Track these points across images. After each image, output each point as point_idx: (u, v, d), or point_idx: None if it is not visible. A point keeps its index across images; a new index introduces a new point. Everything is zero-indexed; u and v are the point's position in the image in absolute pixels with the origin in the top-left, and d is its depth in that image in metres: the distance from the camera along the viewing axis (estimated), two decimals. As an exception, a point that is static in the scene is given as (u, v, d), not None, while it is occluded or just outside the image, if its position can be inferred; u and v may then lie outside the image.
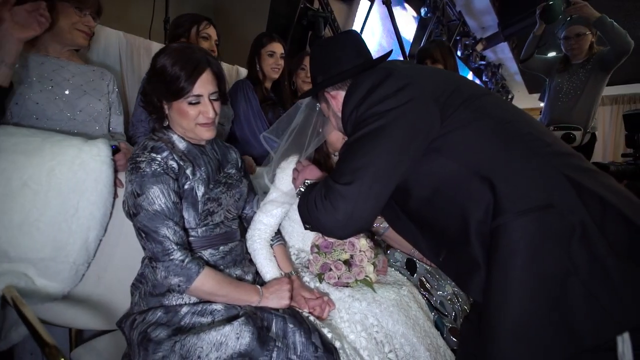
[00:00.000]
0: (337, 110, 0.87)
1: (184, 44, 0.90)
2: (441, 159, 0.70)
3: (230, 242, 0.99)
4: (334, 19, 3.67)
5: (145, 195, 0.80)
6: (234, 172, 1.04)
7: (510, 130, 0.69)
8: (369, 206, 0.69)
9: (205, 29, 1.45)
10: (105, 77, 1.27)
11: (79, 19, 1.13)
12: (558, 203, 0.60)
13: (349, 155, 0.70)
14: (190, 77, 0.84)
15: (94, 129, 1.20)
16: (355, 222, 0.69)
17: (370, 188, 0.67)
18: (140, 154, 0.83)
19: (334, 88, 0.87)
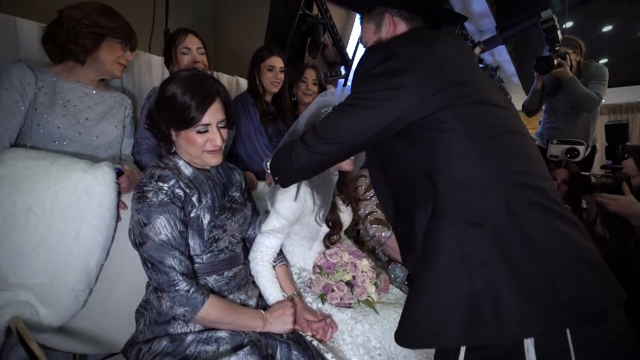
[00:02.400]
0: (386, 38, 0.85)
1: (192, 72, 0.90)
2: (410, 150, 0.74)
3: (235, 267, 0.99)
4: (333, 25, 3.67)
5: (152, 225, 0.80)
6: (238, 195, 1.05)
7: (490, 145, 0.70)
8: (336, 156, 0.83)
9: (182, 43, 1.39)
10: (123, 103, 1.29)
11: (122, 53, 1.16)
12: (486, 226, 0.64)
13: (333, 115, 0.79)
14: (200, 107, 0.84)
15: (107, 152, 1.22)
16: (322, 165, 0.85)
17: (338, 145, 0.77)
18: (147, 182, 0.83)
19: (399, 14, 0.84)
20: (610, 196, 1.25)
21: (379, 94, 0.72)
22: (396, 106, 0.71)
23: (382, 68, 0.73)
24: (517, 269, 0.60)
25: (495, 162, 0.68)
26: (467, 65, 0.80)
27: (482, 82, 0.78)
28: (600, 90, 1.95)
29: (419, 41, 0.78)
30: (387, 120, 0.72)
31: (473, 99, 0.72)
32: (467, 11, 5.25)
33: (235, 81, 2.16)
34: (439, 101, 0.70)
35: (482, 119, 0.71)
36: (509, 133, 0.73)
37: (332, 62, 3.96)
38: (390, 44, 0.78)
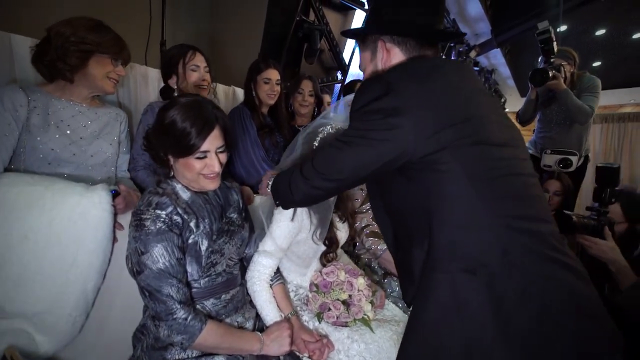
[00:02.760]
0: (383, 66, 0.84)
1: (192, 98, 0.89)
2: (408, 186, 0.74)
3: (232, 289, 1.00)
4: (329, 31, 3.68)
5: (150, 254, 0.81)
6: (236, 216, 1.05)
7: (490, 188, 0.69)
8: (333, 192, 0.85)
9: (192, 61, 1.40)
10: (119, 118, 1.28)
11: (112, 68, 1.14)
12: (481, 274, 0.64)
13: (328, 151, 0.78)
14: (200, 134, 0.85)
15: (103, 171, 1.21)
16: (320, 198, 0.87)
17: (332, 182, 0.77)
18: (145, 210, 0.83)
19: (391, 40, 0.82)
20: (591, 239, 1.25)
21: (374, 133, 0.71)
22: (393, 146, 0.70)
23: (378, 105, 0.71)
24: (510, 320, 0.61)
25: (494, 206, 0.67)
26: (470, 96, 0.77)
27: (485, 115, 0.75)
28: (593, 103, 1.98)
29: (417, 74, 0.75)
30: (383, 159, 0.71)
31: (474, 140, 0.70)
32: (462, 15, 5.28)
33: (232, 91, 2.16)
34: (438, 142, 0.68)
35: (482, 160, 0.70)
36: (509, 175, 0.71)
37: (329, 67, 3.96)
38: (386, 77, 0.75)
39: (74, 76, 1.09)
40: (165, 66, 1.44)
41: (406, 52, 0.82)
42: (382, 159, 0.71)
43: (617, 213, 1.37)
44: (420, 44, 0.82)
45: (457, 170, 0.68)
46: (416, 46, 0.82)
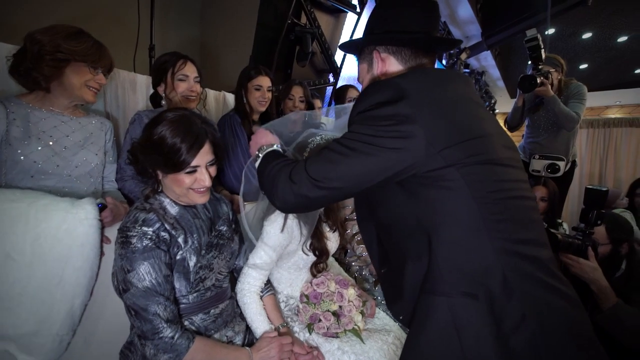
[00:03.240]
0: (378, 74, 0.82)
1: (180, 113, 0.88)
2: (408, 201, 0.70)
3: (222, 303, 1.00)
4: (321, 33, 3.67)
5: (136, 272, 0.80)
6: (225, 229, 1.05)
7: (494, 210, 0.66)
8: (320, 202, 0.74)
9: (181, 70, 1.36)
10: (104, 127, 1.26)
11: (91, 76, 1.11)
12: (481, 298, 0.63)
13: (328, 155, 0.70)
14: (190, 151, 0.84)
15: (89, 182, 1.18)
16: (302, 208, 0.77)
17: (327, 192, 0.70)
18: (131, 227, 0.83)
19: (386, 50, 0.81)
20: (574, 258, 1.27)
21: (384, 140, 0.65)
22: (403, 156, 0.65)
23: (390, 111, 0.66)
24: (507, 344, 0.61)
25: (497, 229, 0.65)
26: (478, 112, 0.74)
27: (493, 134, 0.72)
28: (580, 110, 2.02)
29: (429, 83, 0.72)
30: (391, 170, 0.66)
31: (483, 159, 0.67)
32: (453, 18, 5.34)
33: (222, 97, 2.14)
34: (448, 157, 0.65)
35: (489, 181, 0.67)
36: (513, 197, 0.69)
37: (321, 69, 3.96)
38: (398, 82, 0.70)
39: (50, 85, 1.06)
40: (155, 73, 1.41)
41: (402, 62, 0.81)
42: (391, 170, 0.66)
43: (602, 235, 1.38)
44: (415, 53, 0.81)
45: (463, 189, 0.65)
46: (412, 55, 0.81)
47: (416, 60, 0.81)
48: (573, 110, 2.00)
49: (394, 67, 0.81)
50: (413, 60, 0.81)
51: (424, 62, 0.82)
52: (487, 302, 0.62)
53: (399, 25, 0.79)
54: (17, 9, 1.59)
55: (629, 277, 1.35)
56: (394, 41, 0.80)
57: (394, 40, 0.80)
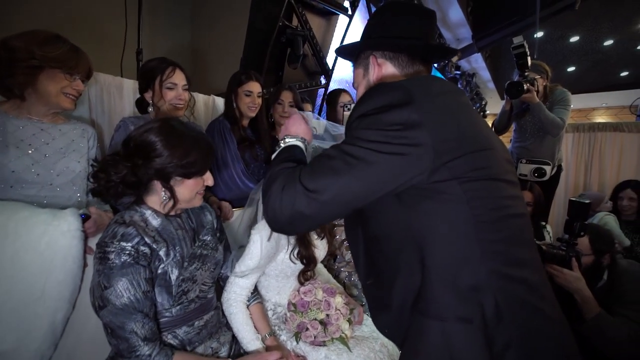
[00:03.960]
0: (374, 81, 0.80)
1: (182, 127, 0.92)
2: (403, 213, 0.66)
3: (206, 314, 0.99)
4: (312, 36, 3.67)
5: (113, 288, 0.78)
6: (209, 238, 1.04)
7: (493, 230, 0.64)
8: (317, 219, 0.65)
9: (169, 78, 1.33)
10: (86, 134, 1.23)
11: (68, 83, 1.08)
12: (475, 323, 0.61)
13: (328, 163, 0.63)
14: (206, 161, 0.92)
15: (72, 191, 1.15)
16: (297, 227, 0.66)
17: (325, 206, 0.62)
18: (109, 243, 0.81)
19: (383, 55, 0.79)
20: (558, 268, 1.30)
21: (392, 147, 0.60)
22: (409, 165, 0.61)
23: (397, 114, 0.62)
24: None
25: (492, 250, 0.63)
26: (481, 122, 0.71)
27: (497, 146, 0.70)
28: (565, 115, 2.06)
29: (435, 88, 0.68)
30: (397, 180, 0.61)
31: (487, 174, 0.64)
32: (444, 20, 5.39)
33: (212, 100, 2.13)
34: (453, 169, 0.61)
35: (490, 198, 0.64)
36: (511, 216, 0.66)
37: (313, 71, 3.96)
38: (406, 85, 0.66)
39: (24, 93, 1.04)
40: (142, 79, 1.39)
41: (399, 68, 0.79)
42: (398, 179, 0.61)
43: (585, 245, 1.41)
44: (412, 60, 0.79)
45: (462, 204, 0.62)
46: (409, 62, 0.79)
47: (413, 67, 0.80)
48: (558, 116, 2.04)
49: (391, 73, 0.80)
50: (410, 67, 0.80)
51: (421, 70, 0.81)
52: (481, 327, 0.60)
53: (397, 32, 0.78)
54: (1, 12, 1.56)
55: (611, 287, 1.38)
56: (392, 46, 0.79)
57: (392, 46, 0.79)
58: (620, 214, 2.19)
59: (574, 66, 7.29)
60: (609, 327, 1.25)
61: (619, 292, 1.35)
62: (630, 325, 1.24)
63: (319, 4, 3.67)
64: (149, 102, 1.39)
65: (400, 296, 0.68)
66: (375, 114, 0.64)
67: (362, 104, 0.67)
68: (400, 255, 0.68)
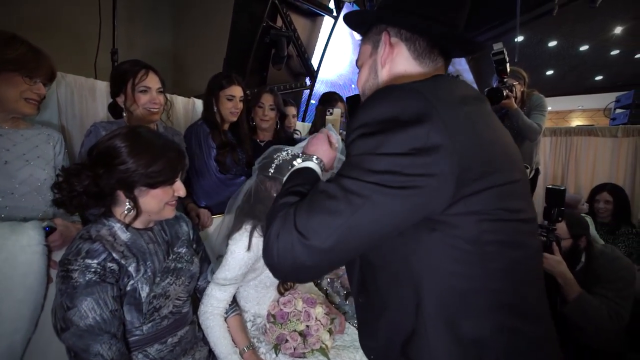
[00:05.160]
0: (382, 63, 0.66)
1: (150, 135, 0.87)
2: (401, 249, 0.56)
3: (181, 330, 0.95)
4: (297, 37, 3.65)
5: (77, 309, 0.74)
6: (184, 250, 1.00)
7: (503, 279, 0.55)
8: (323, 270, 0.55)
9: (142, 82, 1.26)
10: (51, 140, 1.16)
11: (28, 87, 1.02)
12: None
13: (327, 204, 0.50)
14: (174, 174, 0.87)
15: (37, 200, 1.09)
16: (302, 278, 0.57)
17: (328, 255, 0.50)
18: (72, 260, 0.76)
19: (398, 34, 0.64)
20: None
21: (401, 179, 0.48)
22: (423, 201, 0.49)
23: (412, 136, 0.49)
24: None
25: (503, 302, 0.55)
26: (507, 141, 0.60)
27: (522, 177, 0.60)
28: (541, 121, 2.11)
29: (458, 96, 0.55)
30: (405, 222, 0.51)
31: (509, 216, 0.54)
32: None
33: (192, 103, 2.07)
34: (473, 204, 0.51)
35: (508, 243, 0.54)
36: (527, 257, 0.57)
37: (297, 72, 3.93)
38: (422, 90, 0.52)
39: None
40: (114, 83, 1.33)
41: (414, 53, 0.65)
42: (410, 218, 0.51)
43: (563, 230, 1.47)
44: (431, 48, 0.64)
45: (476, 245, 0.52)
46: (426, 49, 0.64)
47: (430, 56, 0.65)
48: (535, 122, 2.09)
49: (403, 58, 0.65)
50: (426, 56, 0.65)
51: (438, 63, 0.66)
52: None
53: (420, 8, 0.63)
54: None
55: (588, 269, 1.45)
56: (411, 26, 0.64)
57: (411, 25, 0.64)
58: (596, 216, 2.25)
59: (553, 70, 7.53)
60: (589, 307, 1.32)
61: (596, 274, 1.41)
62: (609, 304, 1.34)
63: (303, 4, 3.65)
64: (121, 107, 1.33)
65: (389, 332, 0.61)
66: (382, 131, 0.51)
67: (366, 111, 0.54)
68: (395, 289, 0.59)
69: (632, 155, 2.67)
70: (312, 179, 0.63)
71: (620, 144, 2.72)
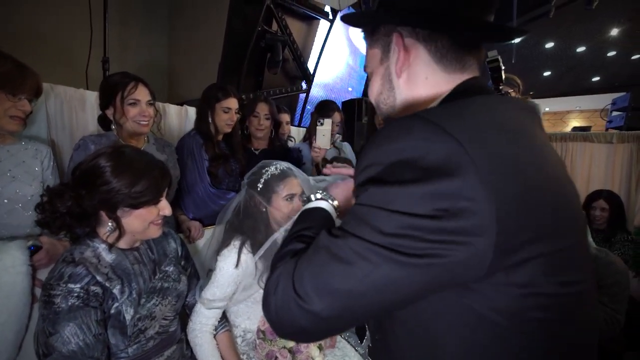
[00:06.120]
0: (397, 72, 0.54)
1: (134, 154, 0.86)
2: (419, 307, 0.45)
3: (167, 349, 0.94)
4: (293, 41, 3.63)
5: (59, 335, 0.73)
6: (172, 269, 0.99)
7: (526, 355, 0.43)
8: (325, 335, 0.47)
9: (131, 94, 1.24)
10: (39, 155, 1.15)
11: (12, 104, 1.01)
12: None
13: (331, 266, 0.41)
14: (158, 193, 0.86)
15: (24, 216, 1.08)
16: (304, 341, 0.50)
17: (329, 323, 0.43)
18: (55, 285, 0.75)
19: (413, 34, 0.51)
20: None
21: (423, 245, 0.38)
22: (447, 271, 0.39)
23: (438, 193, 0.38)
24: None
25: None
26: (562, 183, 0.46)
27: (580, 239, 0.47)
28: None
29: (497, 125, 0.43)
30: (421, 293, 0.42)
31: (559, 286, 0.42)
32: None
33: (184, 111, 2.06)
34: (515, 275, 0.40)
35: (553, 322, 0.43)
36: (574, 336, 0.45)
37: (293, 76, 3.92)
38: (449, 128, 0.39)
39: None
40: (103, 96, 1.31)
41: (435, 56, 0.51)
42: (428, 288, 0.41)
43: None
44: (456, 46, 0.51)
45: (509, 318, 0.41)
46: (451, 48, 0.51)
47: (456, 56, 0.51)
48: None
49: (422, 63, 0.52)
50: (452, 57, 0.51)
51: (468, 63, 0.52)
52: None
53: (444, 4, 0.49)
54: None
55: None
56: (427, 22, 0.50)
57: (428, 21, 0.50)
58: (592, 223, 2.25)
59: (550, 71, 7.54)
60: None
61: None
62: (605, 309, 1.34)
63: (299, 8, 3.64)
64: (111, 120, 1.32)
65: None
66: (396, 180, 0.40)
67: (376, 146, 0.43)
68: (412, 346, 0.49)
69: (628, 161, 2.67)
70: (321, 224, 0.56)
71: (616, 150, 2.72)
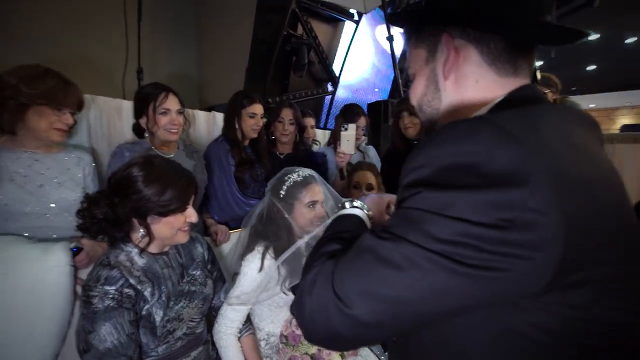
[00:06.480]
0: (445, 74, 0.51)
1: (163, 164, 0.92)
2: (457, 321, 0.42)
3: (194, 350, 0.98)
4: (318, 44, 3.65)
5: (97, 333, 0.78)
6: (199, 273, 1.03)
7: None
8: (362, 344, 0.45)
9: (163, 104, 1.33)
10: (81, 162, 1.24)
11: (57, 118, 1.10)
12: None
13: (376, 269, 0.39)
14: (184, 199, 0.91)
15: (68, 219, 1.16)
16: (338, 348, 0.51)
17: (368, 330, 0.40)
18: (92, 287, 0.81)
19: (464, 35, 0.49)
20: None
21: (482, 256, 0.35)
22: (504, 285, 0.37)
23: (502, 204, 0.35)
24: None
25: None
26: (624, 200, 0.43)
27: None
28: None
29: (563, 132, 0.41)
30: (472, 304, 0.39)
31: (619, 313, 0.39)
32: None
33: (212, 117, 2.13)
34: (572, 297, 0.37)
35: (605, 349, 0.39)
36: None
37: (319, 79, 3.94)
38: (517, 133, 0.37)
39: (14, 128, 1.06)
40: (137, 106, 1.40)
41: (487, 57, 0.49)
42: (480, 301, 0.38)
43: None
44: (510, 48, 0.48)
45: (554, 339, 0.38)
46: (504, 51, 0.48)
47: (509, 59, 0.49)
48: None
49: (473, 64, 0.50)
50: (505, 60, 0.49)
51: (520, 67, 0.49)
52: None
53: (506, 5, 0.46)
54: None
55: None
56: (481, 23, 0.48)
57: (481, 22, 0.48)
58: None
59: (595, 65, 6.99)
60: None
61: None
62: None
63: (324, 11, 3.64)
64: (144, 128, 1.40)
65: None
66: (455, 184, 0.37)
67: (431, 147, 0.41)
68: (434, 356, 0.47)
69: (686, 163, 2.39)
70: (357, 229, 0.54)
71: (672, 151, 2.45)
